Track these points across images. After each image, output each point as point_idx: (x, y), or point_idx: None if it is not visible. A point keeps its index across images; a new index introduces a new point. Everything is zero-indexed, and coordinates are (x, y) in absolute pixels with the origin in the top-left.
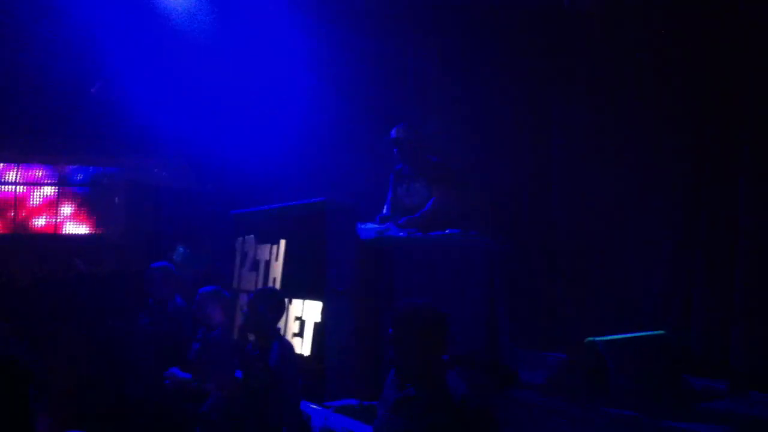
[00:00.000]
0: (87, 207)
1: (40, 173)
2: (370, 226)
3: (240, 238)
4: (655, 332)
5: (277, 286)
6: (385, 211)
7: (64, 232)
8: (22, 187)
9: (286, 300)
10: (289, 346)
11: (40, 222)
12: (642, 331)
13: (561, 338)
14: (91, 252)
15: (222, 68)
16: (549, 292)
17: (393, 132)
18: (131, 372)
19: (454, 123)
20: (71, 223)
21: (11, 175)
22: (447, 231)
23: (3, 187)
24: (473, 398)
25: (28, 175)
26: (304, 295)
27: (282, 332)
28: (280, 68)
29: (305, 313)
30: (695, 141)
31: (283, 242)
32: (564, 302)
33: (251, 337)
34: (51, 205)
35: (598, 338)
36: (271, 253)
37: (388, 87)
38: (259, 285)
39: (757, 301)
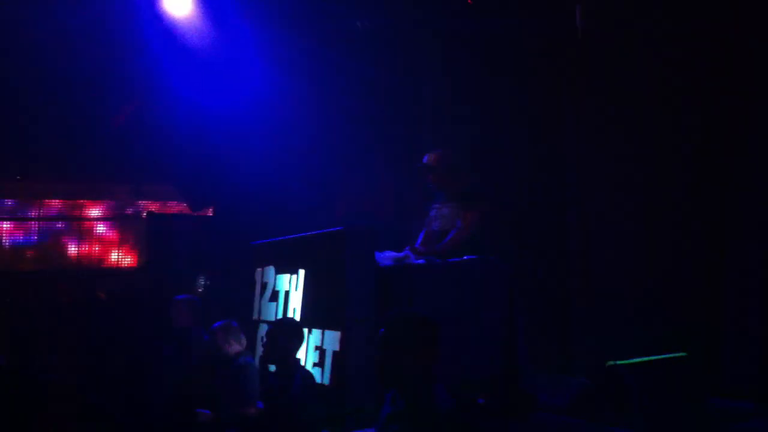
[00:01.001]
0: (110, 239)
1: (59, 207)
2: (387, 254)
3: (259, 269)
4: (677, 354)
5: (297, 316)
6: (419, 240)
7: (86, 265)
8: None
9: (305, 330)
10: (310, 376)
11: (63, 255)
12: (663, 354)
13: (581, 361)
14: (114, 283)
15: (238, 98)
16: (567, 313)
17: (425, 158)
18: (153, 400)
19: (465, 147)
20: (93, 255)
21: (35, 210)
22: (465, 257)
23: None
24: (459, 414)
25: (48, 209)
26: (324, 325)
27: (302, 362)
28: (295, 98)
29: (325, 343)
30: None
31: (302, 272)
32: (583, 324)
33: (272, 368)
34: (72, 239)
35: (619, 361)
36: (290, 283)
37: (400, 114)
38: (279, 315)
39: None
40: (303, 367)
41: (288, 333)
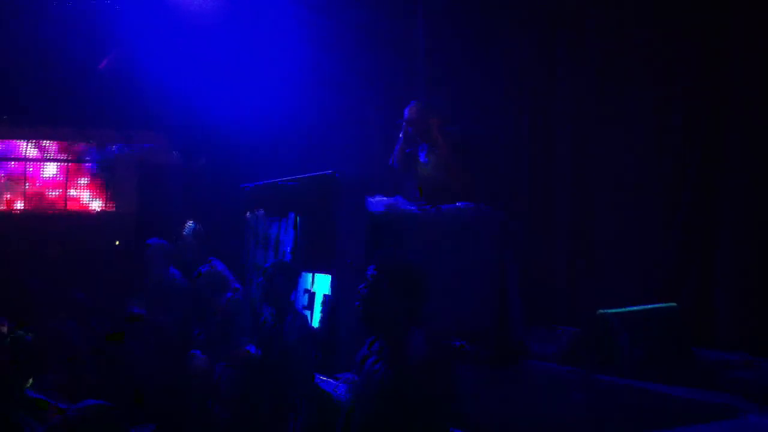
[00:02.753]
0: (99, 184)
1: (52, 149)
2: (378, 198)
3: (250, 213)
4: (667, 305)
5: (288, 259)
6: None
7: (75, 209)
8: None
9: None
10: (304, 318)
11: (51, 199)
12: (654, 304)
13: (573, 312)
14: (103, 229)
15: (228, 43)
16: (560, 264)
17: (405, 112)
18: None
19: (456, 94)
20: (83, 200)
21: (23, 151)
22: (458, 204)
23: (13, 162)
24: (430, 359)
25: (40, 150)
26: (314, 268)
27: None
28: (286, 43)
29: (315, 286)
30: (715, 107)
31: (293, 215)
32: (575, 275)
33: (265, 311)
34: (62, 183)
35: (609, 310)
36: (280, 226)
37: (391, 59)
38: (270, 259)
39: None
40: (297, 310)
41: (284, 275)
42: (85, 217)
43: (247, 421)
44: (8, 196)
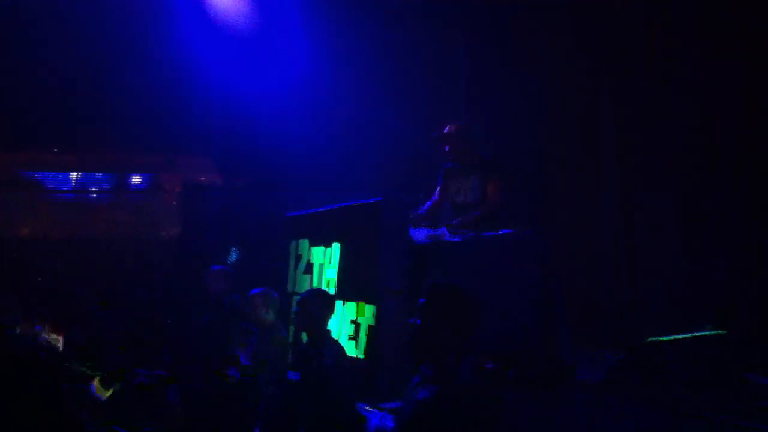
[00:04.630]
0: (145, 210)
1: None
2: (423, 231)
3: (294, 241)
4: (715, 331)
5: (332, 289)
6: (424, 207)
7: (122, 236)
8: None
9: (338, 301)
10: (340, 346)
11: (98, 227)
12: (703, 331)
13: (619, 337)
14: (149, 254)
15: (273, 70)
16: (605, 289)
17: (445, 129)
18: (188, 368)
19: (497, 117)
20: (129, 226)
21: (72, 180)
22: (501, 231)
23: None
24: (478, 386)
25: (87, 180)
26: (359, 298)
27: (337, 335)
28: (329, 68)
29: (359, 316)
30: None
31: (337, 244)
32: (625, 301)
33: (305, 338)
34: (109, 210)
35: (658, 338)
36: (325, 255)
37: (434, 82)
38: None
39: None
40: (333, 338)
41: (319, 302)
42: (129, 241)
43: None
44: (56, 222)
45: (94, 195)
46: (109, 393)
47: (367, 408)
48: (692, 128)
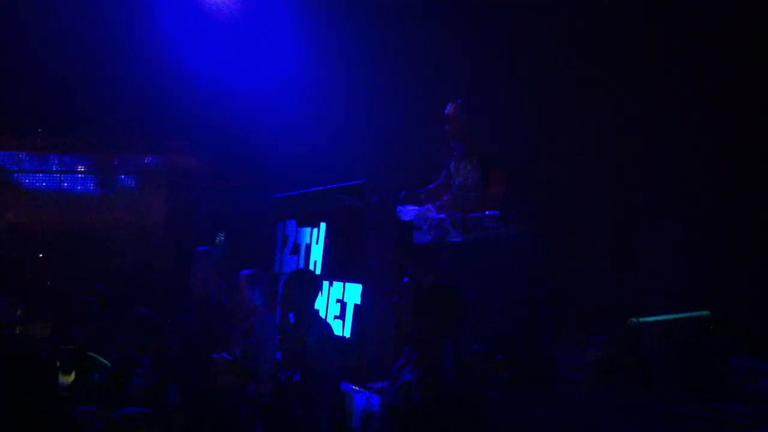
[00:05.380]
0: (130, 195)
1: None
2: (410, 207)
3: (281, 222)
4: (700, 312)
5: (318, 269)
6: (427, 188)
7: (108, 222)
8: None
9: (326, 282)
10: (327, 326)
11: (83, 212)
12: (686, 312)
13: (606, 323)
14: (134, 240)
15: (258, 53)
16: (590, 274)
17: (447, 108)
18: (178, 356)
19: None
20: (115, 212)
21: (58, 164)
22: (487, 212)
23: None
24: (458, 370)
25: (71, 164)
26: (345, 278)
27: (323, 314)
28: (316, 55)
29: (346, 296)
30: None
31: (323, 225)
32: (606, 284)
33: (291, 319)
34: (95, 194)
35: (639, 319)
36: (311, 236)
37: (420, 75)
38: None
39: None
40: (321, 318)
41: (303, 283)
42: (116, 226)
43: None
44: (42, 207)
45: (78, 177)
46: (71, 378)
47: (353, 387)
48: (694, 128)
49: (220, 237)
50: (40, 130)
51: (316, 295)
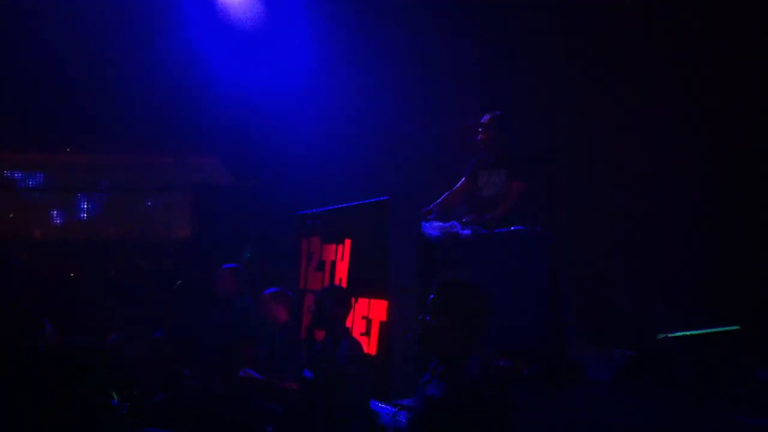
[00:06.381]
0: (157, 212)
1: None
2: (435, 224)
3: (305, 239)
4: (729, 327)
5: (344, 285)
6: (439, 200)
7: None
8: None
9: (353, 298)
10: (357, 344)
11: (109, 227)
12: (716, 327)
13: (631, 334)
14: (158, 252)
15: (283, 69)
16: (617, 287)
17: (483, 118)
18: (200, 368)
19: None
20: (139, 224)
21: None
22: (512, 228)
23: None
24: (482, 385)
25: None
26: (370, 295)
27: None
28: (336, 70)
29: (371, 313)
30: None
31: (348, 242)
32: (634, 297)
33: (320, 336)
34: (117, 208)
35: (669, 334)
36: (336, 252)
37: (445, 84)
38: (326, 285)
39: None
40: (351, 335)
41: (336, 300)
42: (140, 241)
43: None
44: (67, 222)
45: (104, 196)
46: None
47: (380, 404)
48: (695, 128)
49: (247, 254)
50: (68, 150)
51: (348, 312)
